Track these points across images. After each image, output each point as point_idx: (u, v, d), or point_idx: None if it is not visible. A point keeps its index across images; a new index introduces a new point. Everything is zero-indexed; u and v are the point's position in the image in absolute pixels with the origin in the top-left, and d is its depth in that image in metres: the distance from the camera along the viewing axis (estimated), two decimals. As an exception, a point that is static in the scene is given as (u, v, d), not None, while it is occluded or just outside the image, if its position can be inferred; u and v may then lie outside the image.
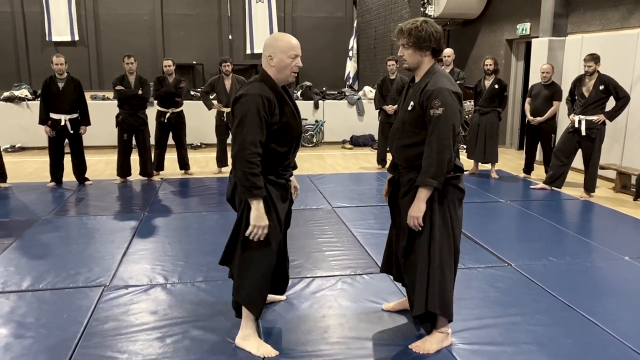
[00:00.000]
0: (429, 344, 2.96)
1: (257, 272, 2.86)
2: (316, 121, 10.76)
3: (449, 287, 2.87)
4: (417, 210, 2.77)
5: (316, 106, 10.86)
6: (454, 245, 2.89)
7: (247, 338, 2.95)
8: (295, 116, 2.82)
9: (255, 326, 3.01)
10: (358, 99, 11.10)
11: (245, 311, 2.95)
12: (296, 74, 2.82)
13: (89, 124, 6.87)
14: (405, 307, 3.37)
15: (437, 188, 2.75)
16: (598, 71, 6.33)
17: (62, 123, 6.65)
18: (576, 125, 6.41)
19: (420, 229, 2.81)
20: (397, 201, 3.00)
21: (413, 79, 2.92)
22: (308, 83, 11.43)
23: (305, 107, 10.78)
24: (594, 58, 6.31)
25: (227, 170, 7.89)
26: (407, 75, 2.97)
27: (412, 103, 2.79)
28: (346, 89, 13.03)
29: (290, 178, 3.00)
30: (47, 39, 14.43)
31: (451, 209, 2.84)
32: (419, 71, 2.84)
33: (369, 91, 11.27)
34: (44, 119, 6.65)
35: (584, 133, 6.36)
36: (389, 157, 8.74)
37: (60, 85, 6.61)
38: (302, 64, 2.86)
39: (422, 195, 2.75)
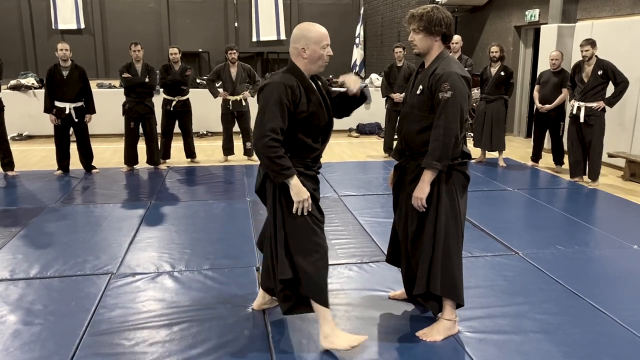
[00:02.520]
0: (436, 331, 2.96)
1: (316, 262, 2.76)
2: (322, 109, 10.70)
3: (455, 270, 2.88)
4: (421, 191, 2.79)
5: (322, 94, 10.80)
6: (459, 231, 2.89)
7: (329, 336, 2.79)
8: (322, 106, 2.77)
9: (331, 317, 2.84)
10: (365, 86, 11.00)
11: (316, 307, 2.79)
12: (326, 64, 2.78)
13: (93, 112, 6.87)
14: None
15: (442, 171, 2.76)
16: (596, 56, 6.26)
17: (67, 111, 6.65)
18: (574, 111, 6.35)
19: (424, 209, 2.83)
20: (402, 188, 3.01)
21: (422, 64, 2.92)
22: (314, 71, 11.37)
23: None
24: (590, 42, 6.24)
25: (232, 159, 7.89)
26: (415, 63, 2.98)
27: (420, 87, 2.81)
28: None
29: (319, 170, 2.94)
30: (53, 27, 14.42)
31: (457, 193, 2.86)
32: (428, 56, 2.85)
33: (376, 79, 11.20)
34: (48, 107, 6.65)
35: (582, 120, 6.30)
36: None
37: (65, 73, 6.60)
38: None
39: (427, 177, 2.77)
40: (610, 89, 6.31)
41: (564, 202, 5.84)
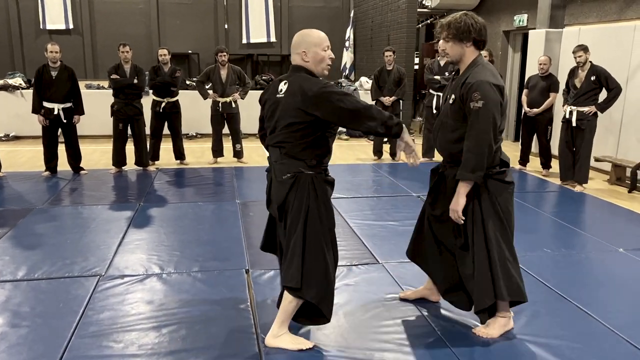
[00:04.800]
0: (492, 328, 3.00)
1: (326, 274, 2.76)
2: (312, 112, 10.71)
3: (514, 274, 2.92)
4: (456, 204, 2.81)
5: (312, 97, 10.81)
6: (510, 237, 2.93)
7: (279, 336, 2.86)
8: None
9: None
10: (354, 89, 11.06)
11: (285, 309, 2.81)
12: (330, 67, 2.79)
13: (82, 113, 6.82)
14: (423, 295, 3.41)
15: (477, 183, 2.77)
16: (590, 62, 6.33)
17: (55, 112, 6.60)
18: (567, 115, 6.42)
19: (462, 222, 2.84)
20: (439, 193, 3.02)
21: (458, 71, 2.94)
22: (304, 73, 11.36)
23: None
24: (582, 48, 6.30)
25: (222, 161, 7.87)
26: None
27: (453, 96, 2.82)
28: (342, 79, 12.99)
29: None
30: (41, 27, 14.28)
31: (500, 202, 2.84)
32: (462, 64, 2.86)
33: (366, 82, 11.23)
34: (37, 108, 6.59)
35: (574, 124, 6.37)
36: (385, 148, 8.71)
37: (54, 73, 6.55)
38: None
39: (462, 189, 2.78)
40: (602, 95, 6.38)
41: (551, 206, 5.90)
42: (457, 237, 2.97)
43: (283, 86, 2.73)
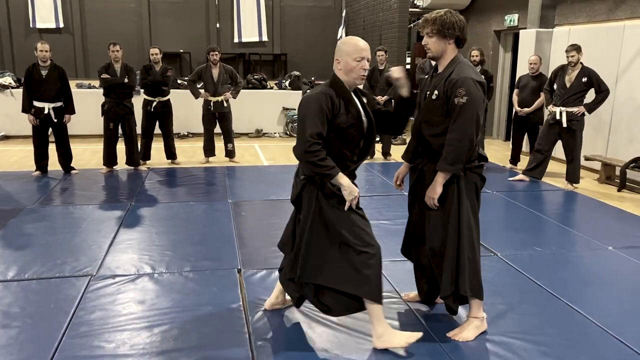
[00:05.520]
0: (467, 331, 3.01)
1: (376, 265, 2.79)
2: (304, 111, 10.72)
3: (479, 270, 2.97)
4: (434, 191, 2.87)
5: (304, 96, 10.82)
6: (478, 231, 2.99)
7: (383, 335, 2.84)
8: (362, 120, 2.79)
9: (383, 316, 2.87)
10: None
11: (370, 306, 2.80)
12: (364, 77, 2.80)
13: (73, 112, 6.78)
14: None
15: (457, 175, 2.82)
16: (581, 62, 6.36)
17: (46, 111, 6.56)
18: (557, 117, 6.44)
19: (436, 208, 2.89)
20: (419, 190, 3.05)
21: (436, 68, 2.97)
22: (296, 73, 11.38)
23: (293, 97, 10.74)
24: (576, 48, 6.32)
25: (214, 160, 7.85)
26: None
27: (436, 92, 2.85)
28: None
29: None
30: (31, 26, 14.17)
31: (476, 195, 2.94)
32: (442, 60, 2.89)
33: (358, 81, 11.23)
34: (26, 107, 6.55)
35: (565, 125, 6.39)
36: (377, 147, 8.69)
37: (44, 73, 6.51)
38: (292, 53, 2.85)
39: (440, 179, 2.85)
40: (589, 96, 6.41)
41: (541, 204, 5.94)
42: (432, 228, 2.98)
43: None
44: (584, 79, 6.28)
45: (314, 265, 2.81)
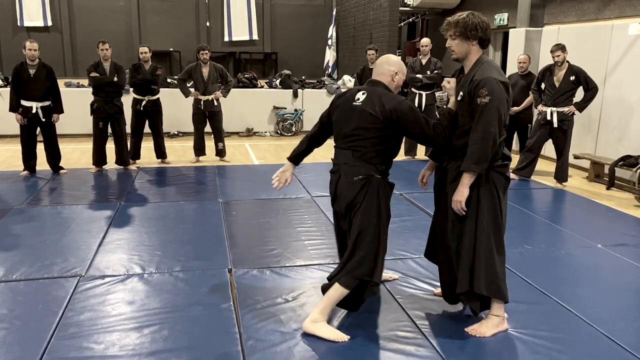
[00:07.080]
0: (485, 327, 3.03)
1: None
2: (295, 110, 10.72)
3: (498, 270, 2.95)
4: (460, 195, 2.86)
5: (295, 95, 10.81)
6: (501, 230, 2.97)
7: (317, 322, 2.98)
8: None
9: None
10: (337, 87, 11.07)
11: (340, 292, 2.94)
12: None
13: (61, 111, 6.72)
14: None
15: (481, 174, 2.83)
16: (568, 61, 6.39)
17: (34, 111, 6.50)
18: (548, 117, 6.46)
19: (464, 213, 2.89)
20: (444, 188, 3.06)
21: (462, 69, 3.00)
22: (287, 72, 11.36)
23: (284, 96, 10.74)
24: (560, 47, 6.34)
25: (204, 159, 7.82)
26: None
27: (461, 93, 2.89)
28: (325, 77, 12.99)
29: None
30: (18, 24, 14.06)
31: (498, 194, 2.92)
32: (467, 62, 2.93)
33: (348, 80, 11.24)
34: (14, 107, 6.48)
35: (556, 125, 6.42)
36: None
37: (32, 71, 6.45)
38: (282, 52, 2.88)
39: (466, 180, 2.84)
40: (578, 94, 6.45)
41: (531, 203, 5.97)
42: (453, 225, 3.00)
43: (361, 95, 2.97)
44: (572, 77, 6.31)
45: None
